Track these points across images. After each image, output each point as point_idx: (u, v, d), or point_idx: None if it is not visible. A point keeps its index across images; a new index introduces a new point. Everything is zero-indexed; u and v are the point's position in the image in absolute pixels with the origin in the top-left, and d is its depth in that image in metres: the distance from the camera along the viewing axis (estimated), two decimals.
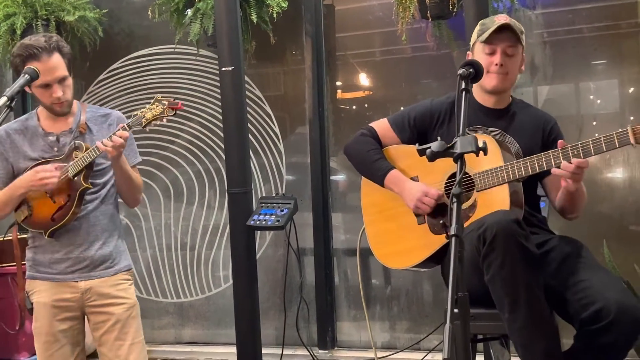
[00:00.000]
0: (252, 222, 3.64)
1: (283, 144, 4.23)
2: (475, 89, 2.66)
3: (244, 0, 3.79)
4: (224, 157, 3.88)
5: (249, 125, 4.07)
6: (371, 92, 4.23)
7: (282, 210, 3.68)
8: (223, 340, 4.29)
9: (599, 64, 3.78)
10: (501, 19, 2.56)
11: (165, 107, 2.63)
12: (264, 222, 3.63)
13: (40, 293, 2.79)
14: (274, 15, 3.77)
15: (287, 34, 4.13)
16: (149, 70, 4.46)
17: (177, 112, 2.66)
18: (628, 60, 3.68)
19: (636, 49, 3.69)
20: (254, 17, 3.76)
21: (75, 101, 2.85)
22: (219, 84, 3.78)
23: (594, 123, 3.72)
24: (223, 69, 3.63)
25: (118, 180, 2.82)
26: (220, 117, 3.80)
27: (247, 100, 4.03)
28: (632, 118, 3.63)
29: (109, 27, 4.44)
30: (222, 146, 3.92)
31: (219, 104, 3.91)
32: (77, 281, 2.77)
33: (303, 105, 4.16)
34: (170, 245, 4.44)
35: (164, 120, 2.65)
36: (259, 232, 4.09)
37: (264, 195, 4.19)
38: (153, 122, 2.64)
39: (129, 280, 2.90)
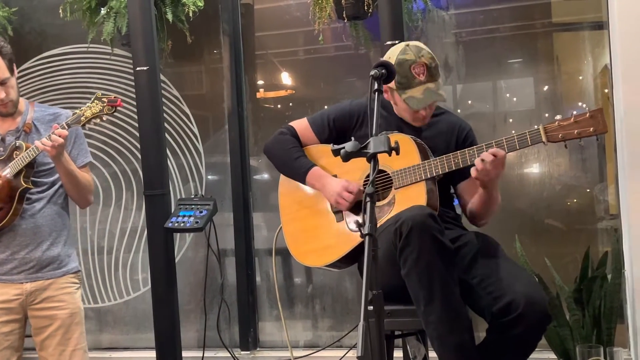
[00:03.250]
0: (170, 225, 3.59)
1: (202, 144, 4.19)
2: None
3: None
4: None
5: (167, 125, 4.02)
6: (294, 91, 4.23)
7: (201, 212, 3.65)
8: (143, 345, 4.21)
9: (514, 63, 3.88)
10: (420, 73, 2.50)
11: (104, 105, 2.63)
12: (182, 224, 3.58)
13: None
14: (190, 15, 3.72)
15: (204, 33, 4.09)
16: (62, 70, 4.34)
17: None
18: (543, 59, 3.80)
19: (550, 48, 3.81)
20: (169, 16, 3.70)
21: (23, 100, 2.84)
22: (134, 84, 3.71)
23: (510, 120, 3.83)
24: (138, 68, 3.57)
25: (62, 179, 2.79)
26: (137, 117, 3.75)
27: (164, 100, 3.97)
28: (546, 115, 3.75)
29: (19, 25, 4.31)
30: (139, 147, 3.84)
31: (135, 103, 3.83)
32: (22, 282, 2.74)
33: (222, 105, 4.12)
34: (87, 249, 4.33)
35: (104, 118, 2.65)
36: (178, 234, 4.03)
37: (183, 196, 4.14)
38: (92, 120, 2.64)
39: (76, 283, 2.88)
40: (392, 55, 2.57)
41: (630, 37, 3.10)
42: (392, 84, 2.54)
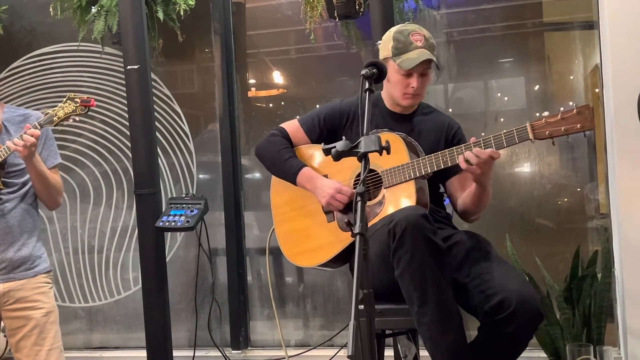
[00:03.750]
0: (160, 224, 3.57)
1: (193, 142, 4.18)
2: (385, 95, 2.71)
3: None
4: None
5: (158, 124, 4.01)
6: (285, 90, 4.22)
7: (192, 211, 3.64)
8: (134, 344, 4.20)
9: (505, 62, 3.90)
10: (418, 40, 2.54)
11: (77, 104, 2.64)
12: (173, 224, 3.57)
13: None
14: (181, 13, 3.72)
15: (195, 31, 4.08)
16: (52, 69, 4.32)
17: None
18: (534, 58, 3.81)
19: (541, 47, 3.82)
20: (160, 15, 3.70)
21: None
22: (124, 82, 3.70)
23: (502, 120, 3.84)
24: (128, 67, 3.56)
25: (33, 180, 2.77)
26: (127, 116, 3.73)
27: (155, 99, 3.96)
28: (537, 114, 3.73)
29: (10, 24, 4.29)
30: (130, 145, 3.83)
31: (126, 102, 3.82)
32: None
33: (213, 104, 4.12)
34: (77, 248, 4.32)
35: (77, 118, 2.66)
36: (169, 233, 4.02)
37: (174, 195, 4.13)
38: (65, 120, 2.65)
39: (49, 283, 2.85)
40: (392, 29, 2.62)
41: (621, 36, 3.12)
42: (388, 53, 2.57)
